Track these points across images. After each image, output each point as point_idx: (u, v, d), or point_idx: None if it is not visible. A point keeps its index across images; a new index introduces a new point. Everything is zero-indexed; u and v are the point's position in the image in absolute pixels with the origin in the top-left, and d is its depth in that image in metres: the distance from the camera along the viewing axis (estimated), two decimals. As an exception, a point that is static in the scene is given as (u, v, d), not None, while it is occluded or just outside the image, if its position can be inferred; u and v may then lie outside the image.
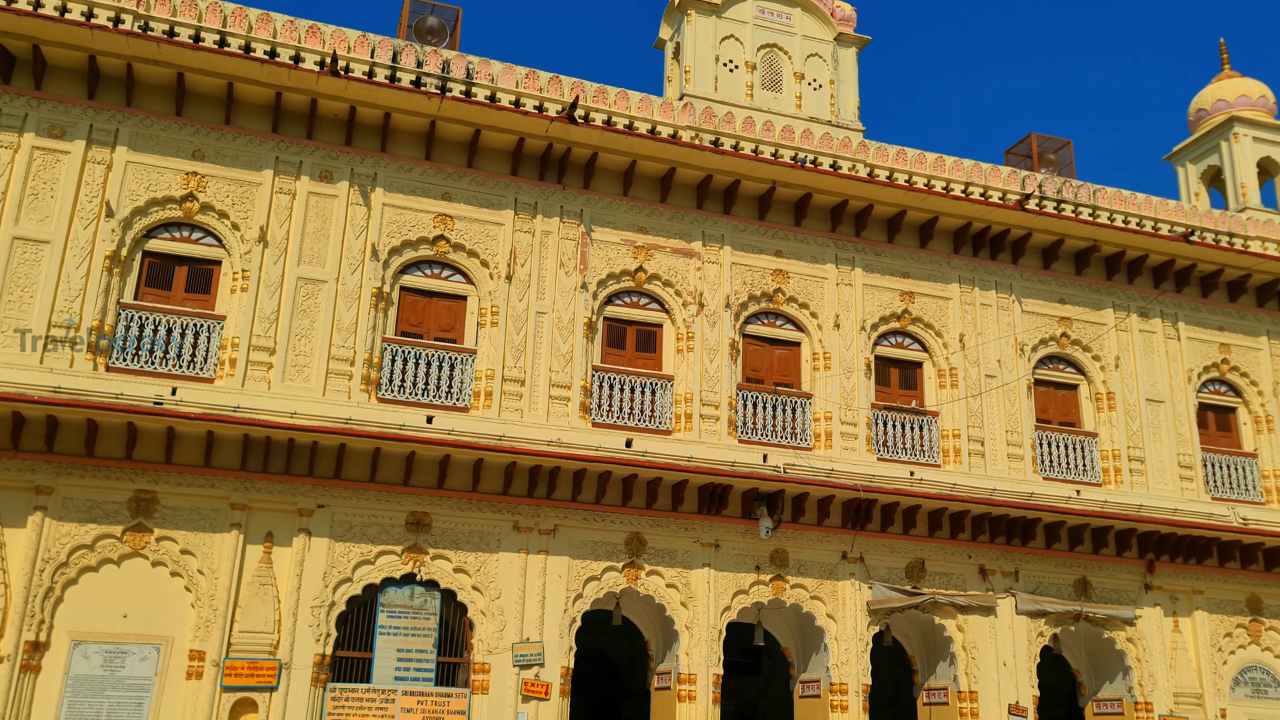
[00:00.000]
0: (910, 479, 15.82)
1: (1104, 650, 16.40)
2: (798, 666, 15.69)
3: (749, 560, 15.01)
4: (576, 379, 14.84)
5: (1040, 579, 16.22)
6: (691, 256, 15.94)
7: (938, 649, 15.83)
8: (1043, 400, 17.43)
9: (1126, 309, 17.97)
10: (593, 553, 14.36)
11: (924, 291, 16.98)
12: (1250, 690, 16.64)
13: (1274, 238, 18.87)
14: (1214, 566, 17.00)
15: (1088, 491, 16.70)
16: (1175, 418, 17.66)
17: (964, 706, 15.22)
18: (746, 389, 15.79)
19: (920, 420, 16.53)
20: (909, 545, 15.75)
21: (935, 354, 16.94)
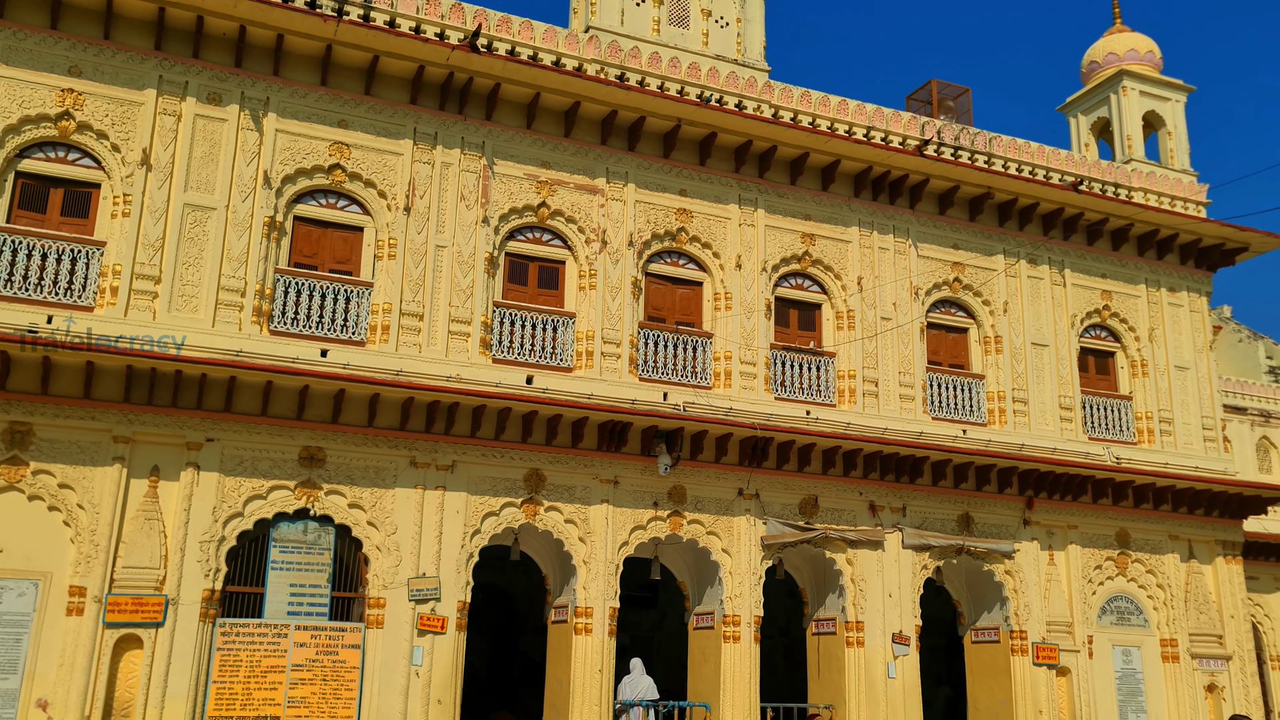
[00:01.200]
0: (806, 418, 16.15)
1: (984, 582, 17.14)
2: (693, 599, 16.02)
3: (647, 497, 15.19)
4: (477, 314, 14.68)
5: (926, 514, 16.81)
6: (595, 193, 15.81)
7: (827, 582, 16.34)
8: (934, 343, 17.92)
9: (1016, 255, 18.51)
10: (491, 489, 14.34)
11: (824, 234, 17.20)
12: (1115, 618, 17.64)
13: (1156, 189, 19.62)
14: (1088, 503, 17.84)
15: (974, 431, 17.30)
16: (1058, 361, 18.36)
17: (850, 636, 15.78)
18: (648, 327, 15.84)
19: (818, 361, 16.84)
20: (803, 482, 16.13)
21: (834, 296, 17.23)
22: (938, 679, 20.73)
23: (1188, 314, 19.67)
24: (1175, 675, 17.62)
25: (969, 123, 19.44)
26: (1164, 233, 19.29)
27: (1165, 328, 19.33)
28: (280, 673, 12.77)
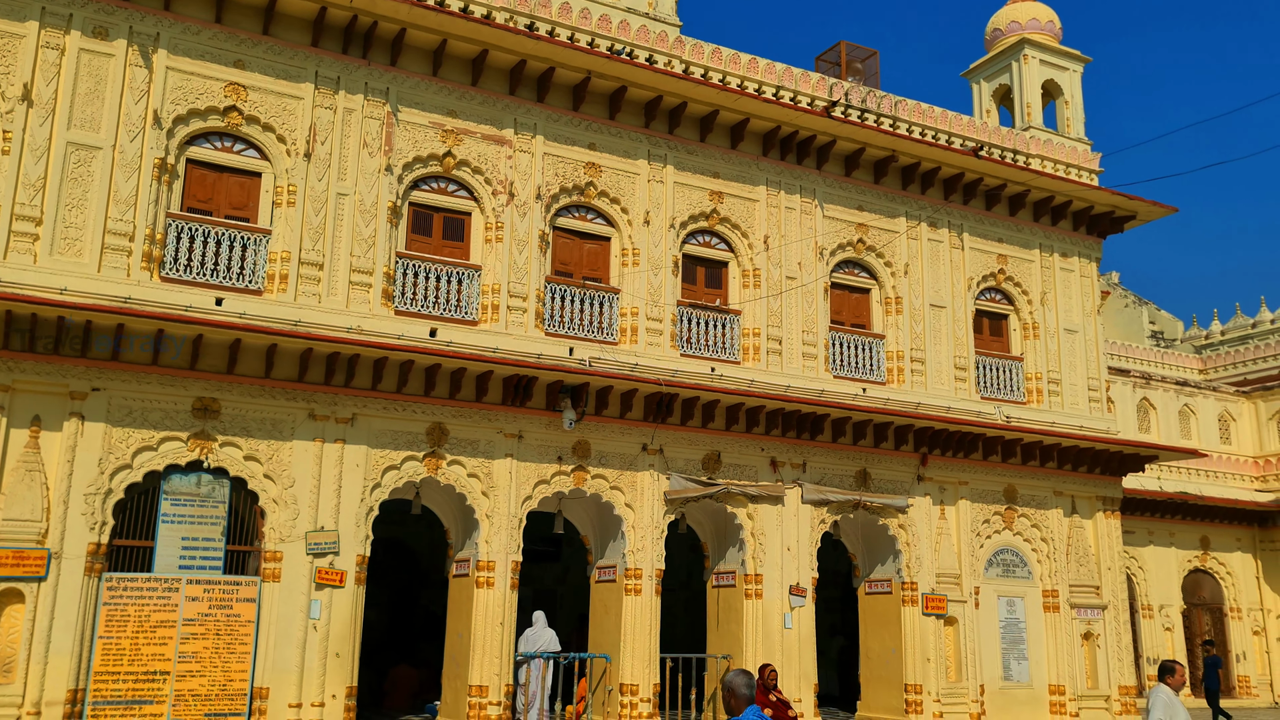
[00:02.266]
0: (711, 375, 16.31)
1: (878, 536, 17.67)
2: (595, 553, 16.15)
3: (552, 451, 15.20)
4: (379, 265, 14.40)
5: (825, 470, 17.20)
6: (503, 144, 15.59)
7: (728, 536, 16.63)
8: (838, 303, 18.23)
9: (918, 218, 18.90)
10: (393, 442, 14.17)
11: (732, 192, 17.29)
12: (1001, 570, 18.38)
13: (1052, 157, 20.20)
14: (979, 460, 18.46)
15: (873, 390, 17.72)
16: (955, 322, 18.87)
17: (749, 588, 16.12)
18: (555, 282, 15.75)
19: (723, 318, 16.99)
20: (707, 438, 16.32)
21: (740, 254, 17.36)
22: (832, 629, 21.39)
23: (1078, 279, 20.37)
24: (1055, 624, 18.47)
25: (876, 85, 19.68)
26: (1058, 199, 19.90)
27: (1056, 292, 20.00)
28: (170, 627, 12.49)
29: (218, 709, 12.52)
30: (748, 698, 5.10)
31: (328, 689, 13.09)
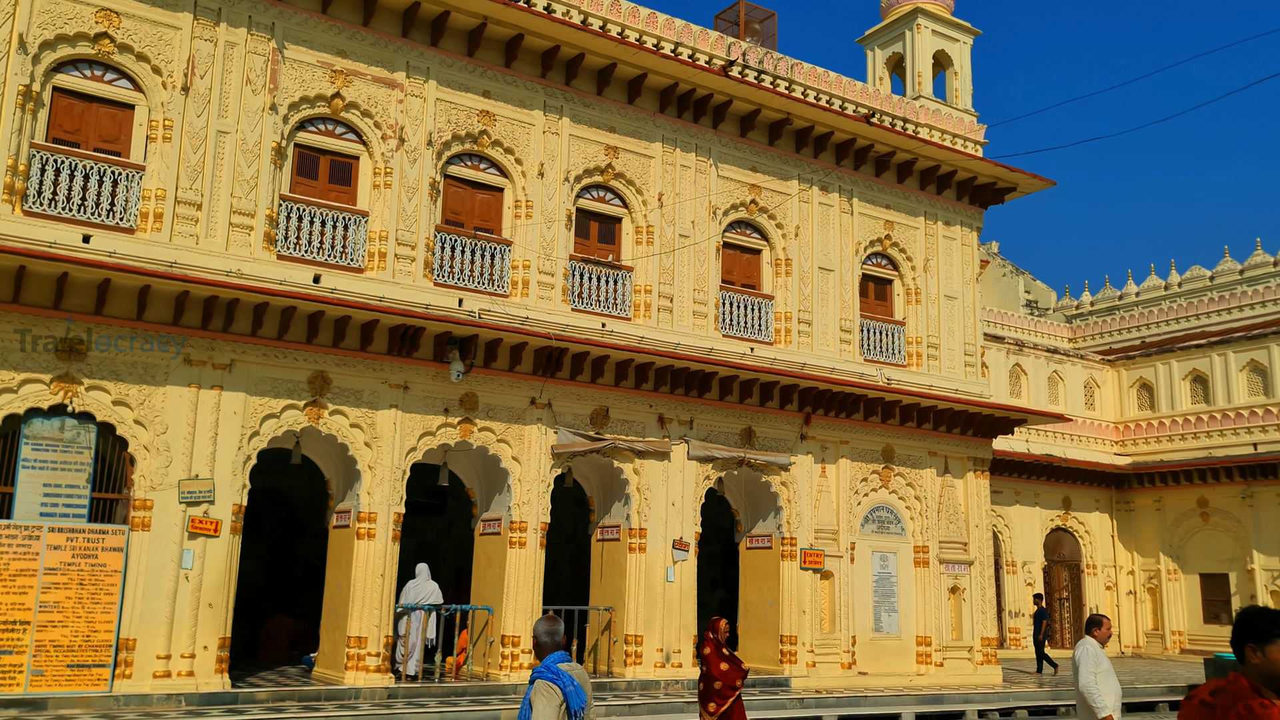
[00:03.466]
0: (602, 330, 16.33)
1: (761, 492, 18.06)
2: (480, 506, 16.11)
3: (438, 403, 15.04)
4: (261, 207, 13.92)
5: (712, 428, 17.46)
6: (394, 88, 15.17)
7: (614, 490, 16.78)
8: (729, 262, 18.42)
9: (810, 182, 19.17)
10: (272, 390, 13.81)
11: (628, 148, 17.22)
12: (876, 526, 19.02)
13: (940, 126, 20.69)
14: (860, 420, 18.99)
15: (760, 349, 18.01)
16: (842, 286, 19.27)
17: (633, 542, 16.32)
18: (445, 231, 15.49)
19: (616, 274, 16.99)
20: (596, 393, 16.37)
21: (635, 210, 17.35)
22: (714, 583, 21.86)
23: (959, 247, 21.01)
24: (925, 578, 19.24)
25: (773, 47, 19.79)
26: (944, 169, 20.42)
27: (939, 259, 20.59)
28: (31, 576, 11.99)
29: (80, 659, 12.11)
30: (548, 645, 5.10)
31: (199, 640, 12.78)
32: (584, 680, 5.12)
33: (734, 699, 10.39)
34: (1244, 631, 3.60)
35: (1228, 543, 27.07)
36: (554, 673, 4.95)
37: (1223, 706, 3.44)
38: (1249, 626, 3.59)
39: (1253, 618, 3.62)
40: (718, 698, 10.39)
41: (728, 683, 10.41)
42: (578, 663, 5.78)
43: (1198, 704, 3.50)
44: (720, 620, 10.84)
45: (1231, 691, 3.47)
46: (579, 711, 4.86)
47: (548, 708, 4.82)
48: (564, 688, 4.88)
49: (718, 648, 10.59)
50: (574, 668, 5.09)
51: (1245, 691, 3.47)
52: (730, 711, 10.39)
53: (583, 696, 4.93)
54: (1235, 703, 3.43)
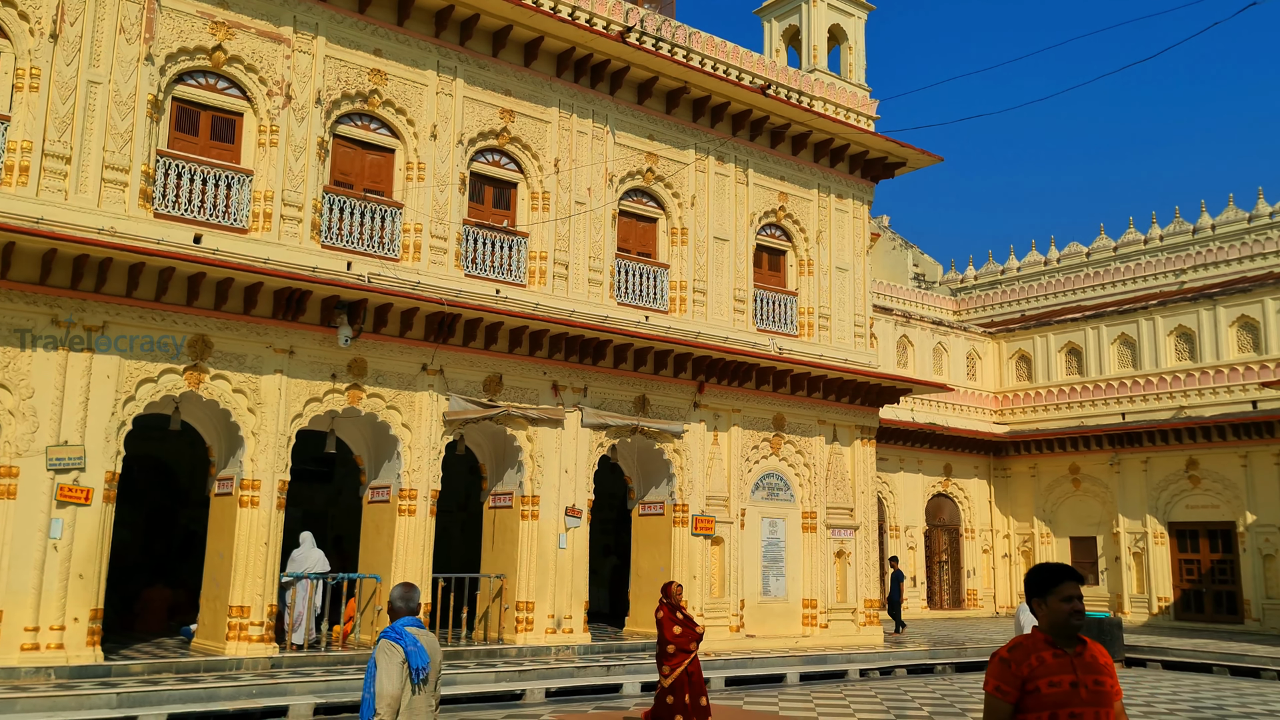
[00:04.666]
0: (496, 296, 16.17)
1: (654, 460, 18.22)
2: (369, 473, 15.85)
3: (325, 368, 14.70)
4: (137, 163, 13.32)
5: (606, 395, 17.50)
6: (280, 42, 14.64)
7: (507, 458, 16.70)
8: (625, 230, 18.41)
9: (707, 151, 19.25)
10: (150, 353, 13.29)
11: (524, 112, 17.01)
12: (766, 493, 19.40)
13: (834, 100, 20.99)
14: (752, 389, 19.28)
15: (655, 318, 18.09)
16: (736, 256, 19.46)
17: (526, 510, 16.31)
18: (334, 192, 15.09)
19: (510, 240, 16.82)
20: (489, 360, 16.23)
21: (530, 176, 17.17)
22: (606, 549, 22.02)
23: (851, 220, 21.42)
24: (812, 543, 19.73)
25: (671, 14, 19.76)
26: (837, 142, 20.74)
27: (831, 231, 20.96)
28: (-115, 549, 11.34)
29: (-60, 635, 11.54)
30: (401, 610, 5.27)
31: (69, 612, 12.30)
32: (432, 645, 5.24)
33: (689, 661, 10.40)
34: (1029, 589, 3.80)
35: (1096, 507, 28.45)
36: (397, 633, 5.13)
37: (1016, 660, 3.63)
38: (1031, 584, 3.80)
39: (1033, 576, 3.83)
40: (672, 660, 10.41)
41: (681, 645, 10.41)
42: (468, 630, 5.96)
43: (998, 660, 3.69)
44: (673, 584, 10.83)
45: (1025, 646, 3.68)
46: (420, 670, 5.02)
47: (389, 664, 5.02)
48: (405, 646, 5.04)
49: (671, 611, 10.57)
50: (422, 633, 5.22)
51: (1040, 644, 3.67)
52: (686, 674, 10.40)
53: (424, 658, 5.07)
54: (1028, 656, 3.64)
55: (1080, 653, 3.70)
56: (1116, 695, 3.70)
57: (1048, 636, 3.73)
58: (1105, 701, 3.63)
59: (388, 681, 4.97)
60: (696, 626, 10.58)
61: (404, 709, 5.01)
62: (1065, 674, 3.62)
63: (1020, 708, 3.61)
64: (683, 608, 10.75)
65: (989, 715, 3.68)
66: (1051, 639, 3.72)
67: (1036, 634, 3.75)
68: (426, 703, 5.12)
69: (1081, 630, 3.75)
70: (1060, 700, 3.57)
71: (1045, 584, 3.77)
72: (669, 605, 10.58)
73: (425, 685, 5.07)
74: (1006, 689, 3.63)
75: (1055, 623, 3.72)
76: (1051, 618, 3.72)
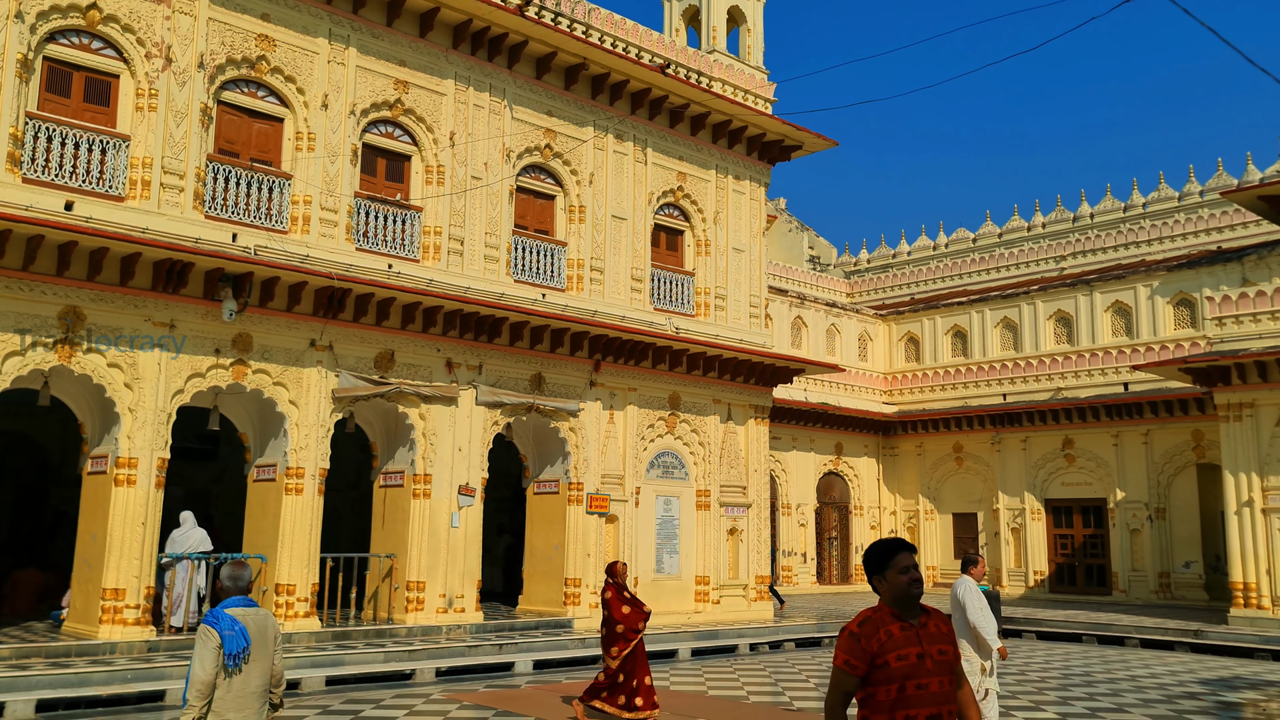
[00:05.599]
0: (388, 271, 15.85)
1: (549, 438, 18.17)
2: (255, 451, 15.42)
3: (209, 343, 14.22)
4: (4, 125, 12.63)
5: (501, 373, 17.36)
6: (160, 2, 14.02)
7: (399, 435, 16.45)
8: (522, 207, 18.24)
9: (605, 129, 19.18)
10: (16, 325, 12.64)
11: (419, 84, 16.67)
12: (661, 471, 19.55)
13: (733, 82, 21.12)
14: (648, 368, 19.36)
15: (552, 295, 18.00)
16: (634, 235, 19.48)
17: (418, 488, 16.09)
18: (219, 161, 14.56)
19: (404, 214, 16.50)
20: (381, 336, 15.93)
21: (425, 149, 16.85)
22: (500, 528, 21.92)
23: (748, 201, 21.63)
24: (705, 520, 19.98)
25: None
26: (736, 124, 20.89)
27: (728, 212, 21.14)
28: None
29: None
30: (230, 589, 5.21)
31: (-70, 598, 11.69)
32: (260, 624, 5.15)
33: (636, 641, 10.30)
34: (868, 567, 3.93)
35: (978, 485, 29.52)
36: (214, 617, 5.03)
37: (865, 635, 3.75)
38: (869, 562, 3.93)
39: (870, 553, 3.95)
40: (621, 641, 10.28)
41: (630, 626, 10.31)
42: (357, 610, 5.79)
43: (848, 635, 3.80)
44: (618, 563, 10.72)
45: (874, 620, 3.80)
46: (236, 654, 4.95)
47: (203, 650, 4.94)
48: (221, 630, 4.95)
49: (619, 591, 10.44)
50: (249, 613, 5.13)
51: (886, 618, 3.80)
52: (633, 654, 10.28)
53: (242, 641, 4.98)
54: (877, 630, 3.75)
55: (924, 623, 3.83)
56: (959, 658, 3.86)
57: (893, 610, 3.84)
58: (948, 670, 3.77)
59: (199, 667, 4.90)
60: (644, 606, 10.50)
61: (223, 692, 4.93)
62: (912, 646, 3.74)
63: (869, 681, 3.72)
64: (629, 587, 10.65)
65: (836, 687, 3.78)
66: (896, 611, 3.83)
67: (882, 608, 3.87)
68: (250, 682, 5.02)
69: (921, 598, 3.90)
70: (908, 672, 3.69)
71: (882, 559, 3.88)
72: (616, 585, 10.46)
73: (247, 665, 5.00)
74: (856, 663, 3.73)
75: (896, 595, 3.83)
76: (892, 591, 3.84)
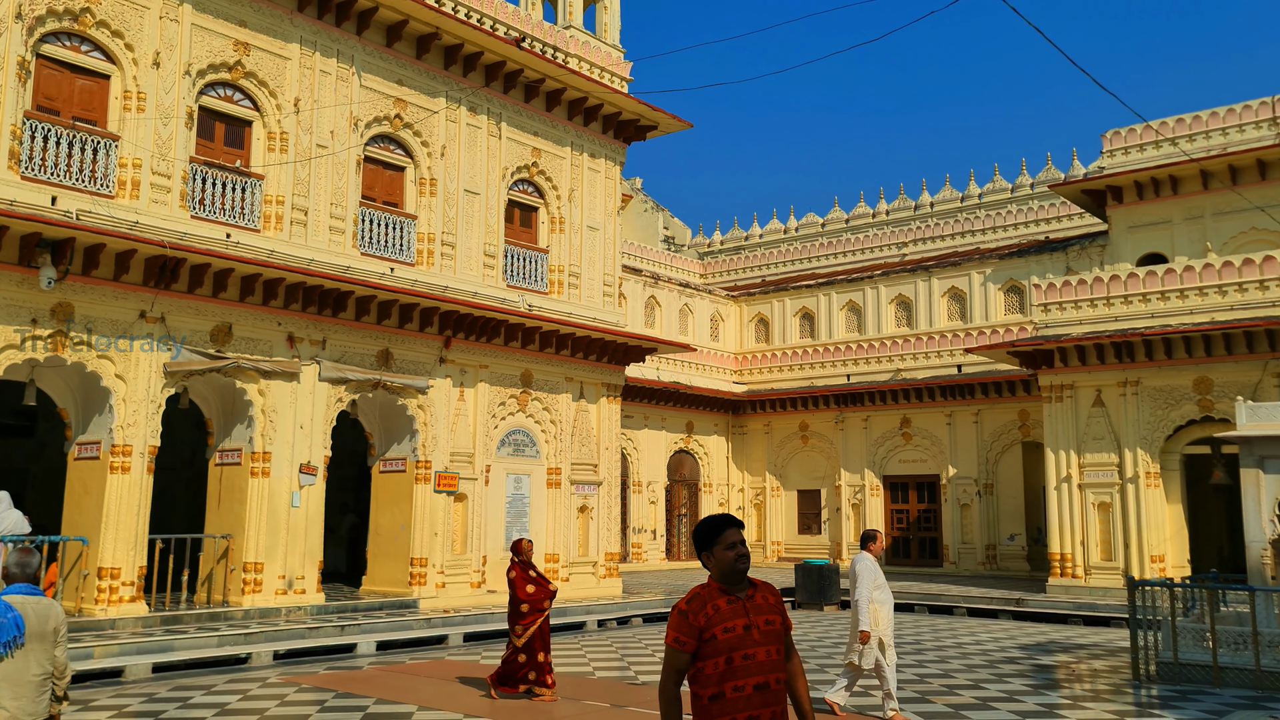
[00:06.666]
0: (226, 241, 15.19)
1: (397, 415, 17.82)
2: (76, 428, 14.56)
3: (24, 312, 13.32)
4: None
5: (347, 348, 16.90)
6: (-30, -58, 12.97)
7: (237, 412, 15.83)
8: (371, 178, 17.75)
9: (459, 101, 18.84)
10: None
11: (262, 46, 15.98)
12: (512, 449, 19.45)
13: (589, 58, 21.06)
14: (500, 345, 19.20)
15: (401, 270, 17.61)
16: (487, 210, 19.23)
17: (256, 466, 15.53)
18: (37, 119, 13.62)
19: (244, 181, 15.82)
20: (218, 308, 15.26)
21: (268, 115, 16.19)
22: (345, 508, 21.43)
23: (603, 180, 21.65)
24: (556, 498, 20.00)
25: (424, -44, 19.04)
26: (591, 101, 20.85)
27: (583, 190, 21.11)
28: None
29: None
30: (17, 576, 5.09)
31: None
32: (41, 614, 5.02)
33: (541, 620, 10.28)
34: (697, 544, 4.02)
35: (821, 462, 30.53)
36: None
37: (693, 611, 3.84)
38: (698, 538, 4.00)
39: (699, 529, 4.02)
40: (525, 620, 10.27)
41: (535, 604, 10.30)
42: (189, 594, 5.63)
43: (677, 612, 3.88)
44: (523, 540, 10.66)
45: (701, 596, 3.89)
46: (9, 642, 4.85)
47: None
48: None
49: (524, 570, 10.41)
50: (29, 601, 5.01)
51: (714, 593, 3.90)
52: (538, 633, 10.28)
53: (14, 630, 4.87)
54: (704, 605, 3.85)
55: (751, 595, 3.92)
56: (788, 629, 3.97)
57: (720, 585, 3.92)
58: (776, 640, 3.88)
59: None
60: (549, 584, 10.55)
61: None
62: (739, 618, 3.83)
63: (698, 655, 3.79)
64: (535, 565, 10.73)
65: (668, 666, 3.84)
66: (724, 586, 3.92)
67: (711, 584, 3.94)
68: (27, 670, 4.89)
69: (749, 572, 3.99)
70: (734, 644, 3.78)
71: (710, 536, 3.96)
72: (521, 564, 10.49)
73: (21, 653, 4.88)
74: (685, 639, 3.80)
75: (723, 570, 3.92)
76: (720, 566, 3.92)
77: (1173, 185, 23.79)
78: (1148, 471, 20.63)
